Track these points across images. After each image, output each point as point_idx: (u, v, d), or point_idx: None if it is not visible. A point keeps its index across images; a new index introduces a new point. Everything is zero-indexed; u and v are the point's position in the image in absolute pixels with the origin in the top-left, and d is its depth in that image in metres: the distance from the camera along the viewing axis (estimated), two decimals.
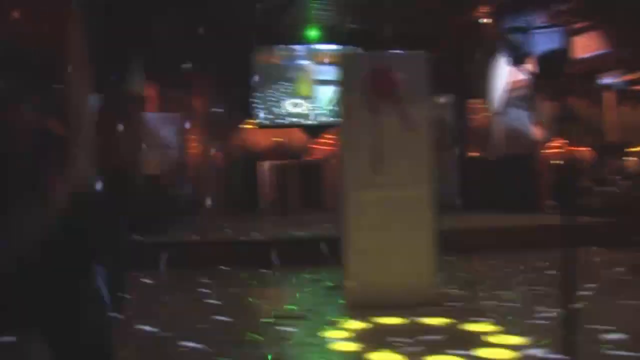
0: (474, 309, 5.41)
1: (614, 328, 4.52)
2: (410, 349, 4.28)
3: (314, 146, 13.64)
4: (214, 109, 12.76)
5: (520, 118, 11.78)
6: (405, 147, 5.54)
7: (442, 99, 12.34)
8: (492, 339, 4.47)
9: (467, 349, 4.22)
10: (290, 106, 13.82)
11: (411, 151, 5.55)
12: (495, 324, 4.86)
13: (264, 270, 7.43)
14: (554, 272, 6.48)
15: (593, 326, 4.51)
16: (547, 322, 4.79)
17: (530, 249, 8.07)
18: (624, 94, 13.18)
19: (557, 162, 12.02)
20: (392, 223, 5.51)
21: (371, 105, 5.57)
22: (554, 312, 4.76)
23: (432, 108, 5.81)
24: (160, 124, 12.31)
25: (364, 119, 5.57)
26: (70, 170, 1.96)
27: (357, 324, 5.00)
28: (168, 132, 12.34)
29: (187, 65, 12.03)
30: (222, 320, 5.23)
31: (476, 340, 4.47)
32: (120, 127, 11.01)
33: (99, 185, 7.72)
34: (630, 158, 11.74)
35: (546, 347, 4.15)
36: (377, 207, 5.51)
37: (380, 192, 5.49)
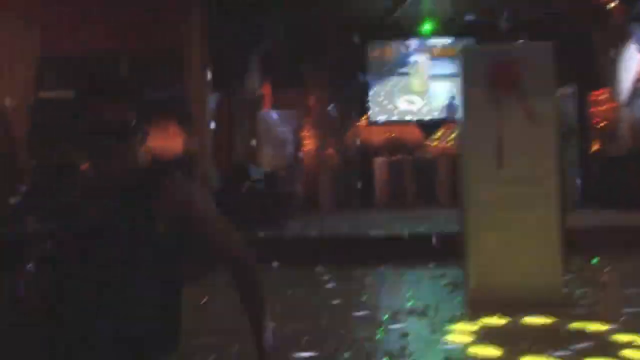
0: (603, 312, 5.16)
1: None
2: (539, 351, 4.13)
3: (428, 142, 13.48)
4: (328, 106, 12.88)
5: None
6: (529, 141, 5.35)
7: (564, 90, 11.81)
8: (614, 339, 4.26)
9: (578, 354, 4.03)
10: (404, 102, 13.71)
11: (536, 145, 5.35)
12: (619, 328, 4.59)
13: (381, 267, 7.43)
14: None
15: None
16: None
17: None
18: None
19: None
20: (515, 219, 5.34)
21: (494, 99, 5.42)
22: None
23: (558, 100, 5.56)
24: (275, 121, 12.58)
25: (486, 112, 5.43)
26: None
27: (478, 323, 4.88)
28: (283, 129, 12.59)
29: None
30: (342, 316, 5.27)
31: (594, 345, 4.25)
32: (238, 125, 11.36)
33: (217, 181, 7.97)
34: None
35: None
36: (500, 203, 5.35)
37: (504, 187, 5.32)
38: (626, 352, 4.06)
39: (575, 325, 4.73)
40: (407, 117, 13.70)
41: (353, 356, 4.15)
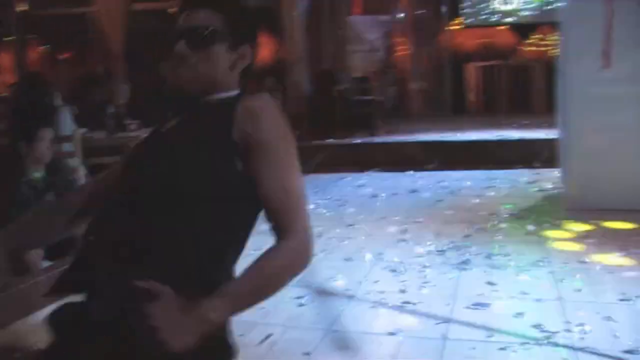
0: None
1: None
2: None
3: (524, 46, 12.94)
4: (419, 10, 12.50)
5: None
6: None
7: None
8: None
9: None
10: (500, 4, 13.11)
11: None
12: None
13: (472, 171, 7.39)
14: None
15: None
16: None
17: None
18: None
19: None
20: (619, 122, 5.14)
21: None
22: None
23: None
24: (366, 26, 12.37)
25: (593, 8, 5.15)
26: None
27: (577, 226, 4.83)
28: (373, 35, 12.38)
29: None
30: (432, 216, 5.34)
31: None
32: (327, 31, 11.24)
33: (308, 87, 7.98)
34: None
35: None
36: (604, 104, 5.14)
37: (609, 88, 5.10)
38: None
39: None
40: (503, 20, 13.11)
41: (451, 250, 4.23)
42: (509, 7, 13.07)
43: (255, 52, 1.51)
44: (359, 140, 8.49)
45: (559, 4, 5.56)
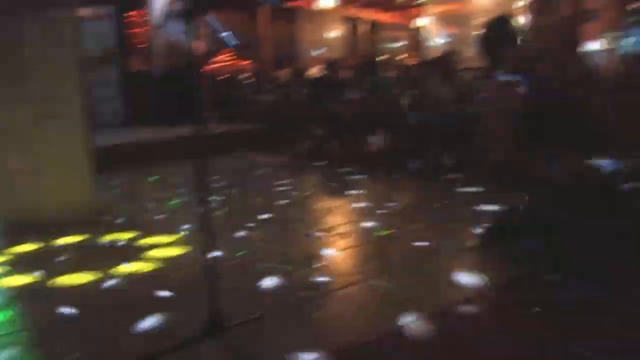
0: (125, 222, 5.44)
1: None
2: (51, 268, 4.16)
3: None
4: None
5: (180, 32, 11.78)
6: (50, 61, 5.21)
7: (100, 11, 11.69)
8: (142, 244, 4.65)
9: (111, 264, 4.20)
10: None
11: (57, 65, 5.24)
12: (145, 233, 4.95)
13: None
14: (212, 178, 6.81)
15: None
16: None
17: (186, 159, 8.20)
18: (278, 11, 14.23)
19: (220, 75, 12.51)
20: (40, 139, 5.21)
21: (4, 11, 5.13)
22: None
23: (78, 21, 5.55)
24: None
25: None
26: None
27: (7, 254, 4.59)
28: None
29: None
30: None
31: (125, 252, 4.50)
32: None
33: None
34: (283, 70, 12.73)
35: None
36: (23, 123, 5.14)
37: (25, 106, 5.13)
38: (151, 253, 4.42)
39: (108, 237, 4.91)
40: None
41: None
42: None
43: None
44: None
45: None
